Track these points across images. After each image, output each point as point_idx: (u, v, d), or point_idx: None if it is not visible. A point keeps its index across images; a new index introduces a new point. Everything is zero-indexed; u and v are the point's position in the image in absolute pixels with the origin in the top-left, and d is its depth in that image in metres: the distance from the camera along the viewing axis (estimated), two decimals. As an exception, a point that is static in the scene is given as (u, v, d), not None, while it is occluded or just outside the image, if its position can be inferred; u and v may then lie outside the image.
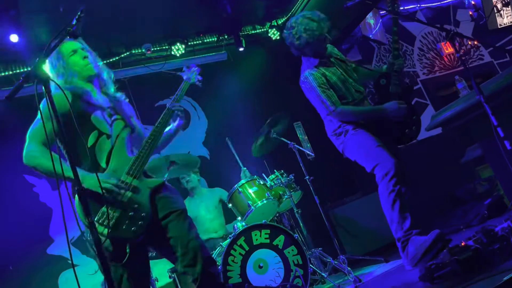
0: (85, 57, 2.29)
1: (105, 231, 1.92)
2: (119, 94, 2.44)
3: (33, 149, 2.06)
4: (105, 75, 2.39)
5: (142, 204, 2.04)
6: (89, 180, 1.97)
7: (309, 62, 3.13)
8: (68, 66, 2.24)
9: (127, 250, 1.98)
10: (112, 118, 2.25)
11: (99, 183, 1.84)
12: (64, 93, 1.81)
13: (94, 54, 2.39)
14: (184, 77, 2.64)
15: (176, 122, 2.52)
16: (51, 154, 1.74)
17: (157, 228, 2.10)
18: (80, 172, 1.89)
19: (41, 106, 2.01)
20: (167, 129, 2.47)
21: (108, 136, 2.18)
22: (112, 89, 2.40)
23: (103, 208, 1.94)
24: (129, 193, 2.04)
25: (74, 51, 2.29)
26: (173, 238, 2.09)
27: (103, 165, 2.13)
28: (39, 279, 4.42)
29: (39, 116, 2.13)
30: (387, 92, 3.06)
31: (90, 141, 2.13)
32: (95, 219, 1.92)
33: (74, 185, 1.95)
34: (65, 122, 1.98)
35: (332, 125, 3.15)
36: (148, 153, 2.17)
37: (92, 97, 2.23)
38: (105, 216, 1.94)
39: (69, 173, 1.79)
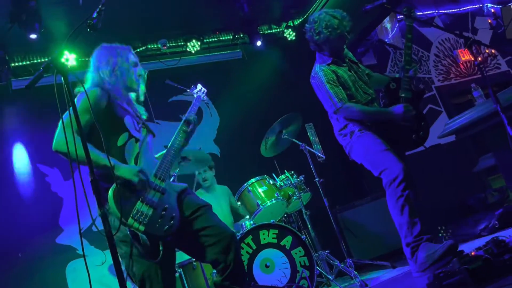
0: (139, 76, 2.41)
1: (141, 227, 1.97)
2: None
3: (64, 137, 2.04)
4: (141, 88, 2.47)
5: (171, 205, 2.12)
6: (123, 169, 2.02)
7: (323, 60, 3.13)
8: (123, 73, 2.31)
9: (161, 248, 2.05)
10: (139, 125, 2.32)
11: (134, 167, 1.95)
12: (71, 99, 1.82)
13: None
14: (195, 96, 2.74)
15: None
16: (83, 142, 1.79)
17: (185, 225, 2.16)
18: (113, 161, 1.98)
19: (76, 99, 2.08)
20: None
21: (137, 140, 2.25)
22: (142, 97, 2.50)
23: (137, 204, 2.00)
24: (158, 194, 2.11)
25: (136, 65, 2.40)
26: (206, 228, 2.16)
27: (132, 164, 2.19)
28: (47, 268, 4.48)
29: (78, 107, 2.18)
30: (397, 96, 3.03)
31: (120, 141, 2.18)
32: (132, 214, 1.98)
33: (106, 173, 2.00)
34: (98, 120, 2.05)
35: (338, 124, 3.13)
36: (173, 158, 2.27)
37: (125, 104, 2.31)
38: (139, 212, 2.00)
39: (103, 160, 1.93)
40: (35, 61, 4.90)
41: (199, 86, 2.82)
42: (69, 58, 4.73)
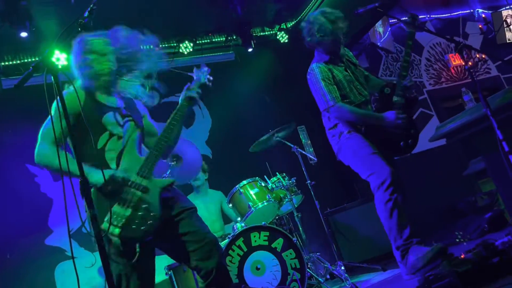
0: (110, 62, 2.20)
1: (116, 230, 1.94)
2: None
3: (44, 148, 2.07)
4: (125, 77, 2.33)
5: (152, 204, 2.05)
6: (94, 175, 1.98)
7: (320, 57, 3.14)
8: (94, 65, 2.16)
9: (137, 250, 2.00)
10: (125, 120, 2.24)
11: (103, 175, 1.87)
12: (77, 94, 1.83)
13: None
14: (195, 77, 2.59)
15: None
16: (58, 153, 1.78)
17: (167, 226, 2.12)
18: (86, 168, 1.89)
19: (53, 106, 2.05)
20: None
21: (119, 137, 2.18)
22: (129, 89, 2.36)
23: (114, 208, 1.96)
24: (139, 193, 2.05)
25: (104, 55, 2.20)
26: (188, 234, 2.13)
27: (113, 166, 2.13)
28: (36, 269, 4.43)
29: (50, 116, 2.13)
30: (390, 101, 3.03)
31: (101, 142, 2.13)
32: (106, 219, 1.94)
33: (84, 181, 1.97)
34: (76, 122, 2.04)
35: (329, 123, 3.14)
36: (159, 153, 2.19)
37: (105, 98, 2.23)
38: (115, 215, 1.96)
39: (76, 170, 1.83)
40: (26, 60, 4.86)
41: (202, 67, 2.64)
42: (60, 58, 4.68)
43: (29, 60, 4.86)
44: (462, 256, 2.17)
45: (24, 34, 4.33)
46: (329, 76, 3.01)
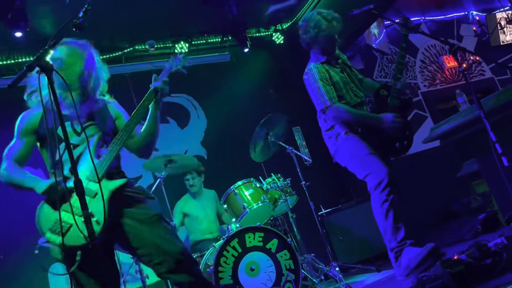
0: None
1: (57, 240, 1.87)
2: (106, 97, 2.36)
3: (6, 167, 2.10)
4: (92, 80, 2.24)
5: (96, 209, 1.90)
6: (38, 188, 1.99)
7: (317, 57, 3.15)
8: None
9: (77, 258, 1.87)
10: (85, 125, 2.17)
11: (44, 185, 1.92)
12: (55, 98, 1.66)
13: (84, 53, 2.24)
14: (166, 66, 2.47)
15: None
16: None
17: (125, 234, 2.04)
18: (33, 182, 2.00)
19: (17, 122, 2.13)
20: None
21: (75, 146, 2.13)
22: (97, 92, 2.29)
23: (59, 215, 1.82)
24: (87, 198, 1.90)
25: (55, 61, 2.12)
26: (150, 245, 2.03)
27: (68, 174, 2.05)
28: (29, 270, 4.40)
29: (14, 133, 2.19)
30: (386, 103, 3.05)
31: (61, 152, 2.09)
32: (49, 227, 1.92)
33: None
34: (37, 138, 2.10)
35: (325, 124, 3.14)
36: (112, 154, 2.06)
37: (67, 105, 2.14)
38: (58, 223, 1.89)
39: (27, 184, 2.00)
40: (20, 60, 4.83)
41: (179, 56, 2.54)
42: (55, 58, 4.67)
43: (24, 60, 4.84)
44: (455, 257, 2.18)
45: (19, 34, 4.32)
46: (326, 77, 3.03)
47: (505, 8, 7.89)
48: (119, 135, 2.12)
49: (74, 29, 1.96)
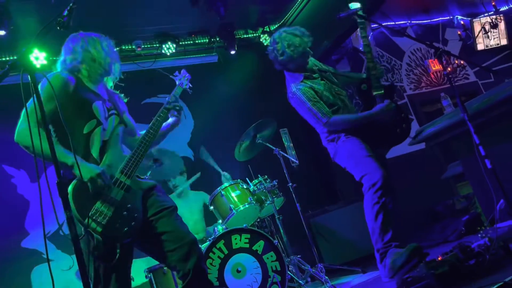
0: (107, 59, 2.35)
1: (99, 228, 1.89)
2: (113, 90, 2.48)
3: (26, 128, 1.92)
4: (112, 69, 2.41)
5: (134, 205, 2.02)
6: (82, 168, 1.91)
7: (294, 77, 3.15)
8: (90, 59, 2.27)
9: (117, 250, 1.95)
10: (110, 112, 2.23)
11: (79, 171, 1.84)
12: (39, 101, 1.71)
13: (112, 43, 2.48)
14: (177, 82, 2.62)
15: (172, 120, 2.52)
16: (47, 135, 1.70)
17: (146, 226, 2.08)
18: (73, 159, 1.87)
19: (39, 86, 1.96)
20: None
21: (104, 129, 2.15)
22: (110, 83, 2.45)
23: (97, 204, 1.91)
24: (122, 192, 2.01)
25: (108, 53, 2.37)
26: (166, 233, 2.08)
27: (95, 155, 2.09)
28: (11, 272, 4.32)
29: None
30: (370, 95, 3.09)
31: (87, 128, 2.09)
32: (90, 214, 1.89)
33: (65, 172, 1.96)
34: (64, 105, 2.00)
35: (324, 132, 3.18)
36: (143, 153, 2.15)
37: (97, 86, 2.26)
38: (98, 212, 1.91)
39: (65, 159, 1.88)
40: (3, 59, 4.75)
41: (183, 72, 2.71)
42: (39, 57, 4.60)
43: (7, 58, 4.75)
44: (439, 258, 2.21)
45: (2, 33, 4.24)
46: (313, 95, 3.04)
47: (490, 13, 8.02)
48: (144, 139, 2.20)
49: (58, 28, 1.93)
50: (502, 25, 7.91)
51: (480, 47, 7.91)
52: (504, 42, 7.99)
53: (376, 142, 3.03)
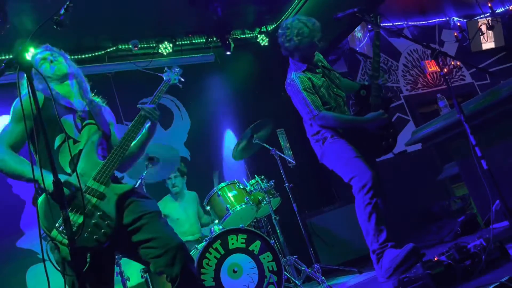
0: (52, 62, 2.20)
1: (65, 240, 1.83)
2: (98, 100, 2.41)
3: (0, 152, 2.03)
4: (84, 79, 2.34)
5: (107, 212, 1.96)
6: (48, 179, 1.83)
7: (297, 66, 3.16)
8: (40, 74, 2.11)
9: (88, 260, 1.87)
10: (85, 122, 2.20)
11: (43, 182, 1.74)
12: (34, 97, 1.69)
13: (69, 58, 2.33)
14: (165, 78, 2.56)
15: (147, 126, 2.36)
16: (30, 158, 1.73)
17: (128, 234, 2.03)
18: (39, 172, 1.82)
19: (12, 107, 2.04)
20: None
21: (75, 141, 2.13)
22: (90, 94, 2.35)
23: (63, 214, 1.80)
24: (94, 200, 1.96)
25: (44, 59, 2.20)
26: (151, 239, 2.01)
27: (67, 169, 2.06)
28: (6, 272, 4.29)
29: (9, 119, 2.13)
30: (367, 103, 3.10)
31: (56, 143, 2.08)
32: (56, 225, 1.86)
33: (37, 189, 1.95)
34: (33, 124, 2.00)
35: (311, 129, 3.17)
36: (118, 158, 2.09)
37: (64, 99, 2.19)
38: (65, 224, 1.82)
39: (30, 174, 1.84)
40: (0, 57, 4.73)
41: (173, 68, 2.61)
42: (36, 56, 4.58)
43: (3, 57, 4.73)
44: (435, 259, 2.21)
45: (-2, 31, 4.22)
46: (310, 86, 3.04)
47: (486, 15, 8.06)
48: (119, 145, 2.14)
49: (55, 26, 1.93)
50: (498, 27, 7.95)
51: (476, 48, 7.95)
52: (500, 43, 8.03)
53: (359, 150, 3.00)
